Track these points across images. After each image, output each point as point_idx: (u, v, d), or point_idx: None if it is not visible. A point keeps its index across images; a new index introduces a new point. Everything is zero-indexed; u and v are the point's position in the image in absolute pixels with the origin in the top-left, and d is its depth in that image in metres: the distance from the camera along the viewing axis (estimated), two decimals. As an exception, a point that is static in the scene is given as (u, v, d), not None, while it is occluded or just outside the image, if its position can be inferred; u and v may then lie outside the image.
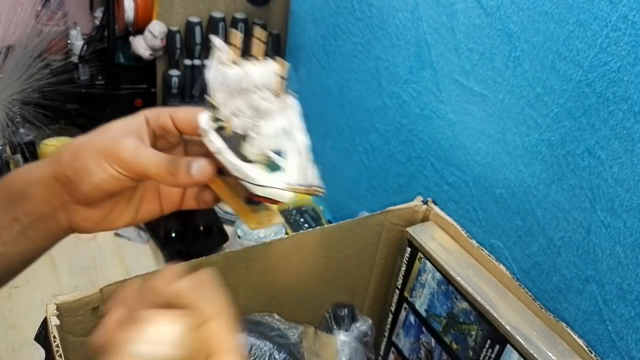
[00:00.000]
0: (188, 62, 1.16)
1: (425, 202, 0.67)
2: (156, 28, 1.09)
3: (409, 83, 0.82)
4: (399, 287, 0.68)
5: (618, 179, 0.54)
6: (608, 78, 0.53)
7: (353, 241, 0.66)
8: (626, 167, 0.53)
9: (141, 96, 1.20)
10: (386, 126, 0.89)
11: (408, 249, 0.65)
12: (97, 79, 1.18)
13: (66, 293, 0.48)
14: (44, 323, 0.46)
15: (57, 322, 0.45)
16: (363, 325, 0.70)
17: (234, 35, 0.40)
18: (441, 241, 0.63)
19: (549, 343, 0.52)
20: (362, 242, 0.67)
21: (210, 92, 0.40)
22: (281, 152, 0.39)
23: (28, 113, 1.03)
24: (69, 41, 1.17)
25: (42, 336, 0.47)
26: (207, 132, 0.39)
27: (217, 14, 1.14)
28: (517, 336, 0.53)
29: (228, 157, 0.38)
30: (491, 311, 0.55)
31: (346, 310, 0.70)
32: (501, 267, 0.58)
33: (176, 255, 0.97)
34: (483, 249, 0.60)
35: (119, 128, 0.42)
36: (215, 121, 0.40)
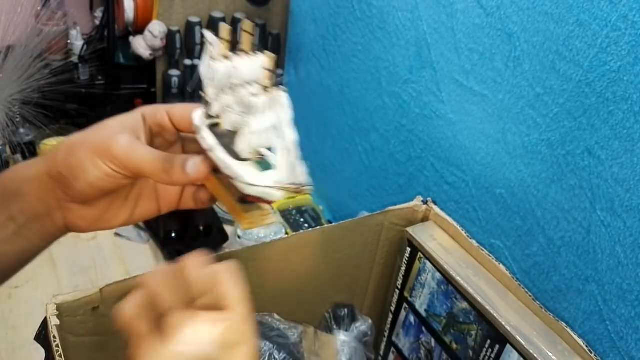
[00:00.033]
0: (188, 62, 1.16)
1: (425, 202, 0.66)
2: (156, 28, 1.09)
3: (409, 83, 0.82)
4: (399, 287, 0.68)
5: (618, 179, 0.54)
6: (608, 78, 0.53)
7: (353, 241, 0.66)
8: (626, 167, 0.53)
9: (141, 96, 1.20)
10: (386, 126, 0.89)
11: (408, 249, 0.65)
12: (97, 79, 1.18)
13: (66, 293, 0.48)
14: (44, 323, 0.46)
15: (57, 322, 0.45)
16: (363, 325, 0.70)
17: (224, 28, 0.39)
18: (441, 241, 0.63)
19: (549, 343, 0.52)
20: (362, 242, 0.67)
21: (203, 88, 0.39)
22: (271, 149, 0.38)
23: (28, 113, 1.03)
24: (69, 41, 1.17)
25: (42, 336, 0.47)
26: (200, 129, 0.38)
27: (217, 14, 1.14)
28: (517, 336, 0.53)
29: (219, 155, 0.37)
30: (491, 311, 0.55)
31: (346, 310, 0.70)
32: (501, 267, 0.58)
33: (176, 255, 0.97)
34: (483, 249, 0.60)
35: (115, 125, 0.41)
36: (208, 118, 0.39)
